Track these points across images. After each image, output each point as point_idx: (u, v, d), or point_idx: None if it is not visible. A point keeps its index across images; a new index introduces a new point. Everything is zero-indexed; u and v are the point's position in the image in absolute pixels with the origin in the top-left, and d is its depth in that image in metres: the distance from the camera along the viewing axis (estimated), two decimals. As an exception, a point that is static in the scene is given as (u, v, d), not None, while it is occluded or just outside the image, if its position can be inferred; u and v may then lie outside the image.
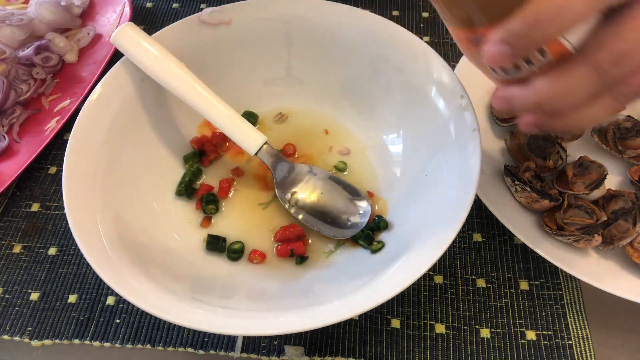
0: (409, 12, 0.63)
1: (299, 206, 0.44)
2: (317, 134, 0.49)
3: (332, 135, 0.49)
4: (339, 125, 0.50)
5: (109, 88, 0.42)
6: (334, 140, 0.49)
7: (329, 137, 0.49)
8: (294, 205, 0.44)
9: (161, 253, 0.40)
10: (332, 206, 0.44)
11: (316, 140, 0.49)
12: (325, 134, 0.49)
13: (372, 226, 0.43)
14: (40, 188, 0.50)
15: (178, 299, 0.34)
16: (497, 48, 0.26)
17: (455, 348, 0.40)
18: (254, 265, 0.42)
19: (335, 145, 0.49)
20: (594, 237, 0.39)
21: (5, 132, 0.53)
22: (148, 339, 0.41)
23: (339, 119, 0.50)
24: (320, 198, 0.44)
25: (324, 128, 0.50)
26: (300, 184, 0.45)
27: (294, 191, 0.44)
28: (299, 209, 0.44)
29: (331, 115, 0.50)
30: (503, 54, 0.26)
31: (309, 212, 0.44)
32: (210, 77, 0.49)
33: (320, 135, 0.49)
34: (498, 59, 0.26)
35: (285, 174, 0.45)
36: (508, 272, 0.44)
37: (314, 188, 0.45)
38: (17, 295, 0.44)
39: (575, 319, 0.42)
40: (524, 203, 0.43)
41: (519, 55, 0.26)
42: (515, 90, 0.28)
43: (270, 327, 0.32)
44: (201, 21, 0.46)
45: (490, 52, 0.26)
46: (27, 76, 0.56)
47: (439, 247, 0.33)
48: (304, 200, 0.44)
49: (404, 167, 0.46)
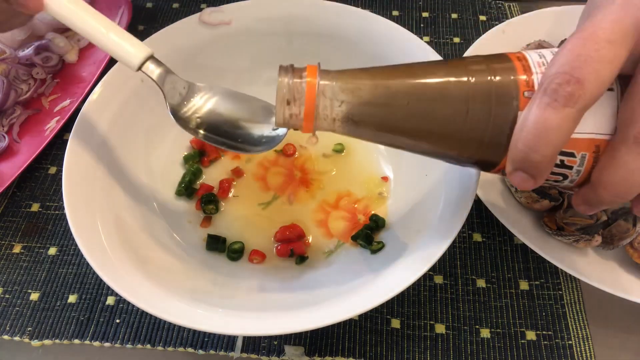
0: (409, 12, 0.63)
1: (202, 126, 0.38)
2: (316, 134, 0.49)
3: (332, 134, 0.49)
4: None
5: (109, 88, 0.42)
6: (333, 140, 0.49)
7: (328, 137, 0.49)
8: (195, 127, 0.37)
9: (161, 253, 0.40)
10: (238, 121, 0.38)
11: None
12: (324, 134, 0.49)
13: (371, 225, 0.43)
14: (40, 188, 0.50)
15: (178, 299, 0.34)
16: (515, 178, 0.27)
17: (455, 348, 0.40)
18: (254, 265, 0.42)
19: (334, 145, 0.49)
20: (594, 237, 0.39)
21: (5, 132, 0.53)
22: (148, 339, 0.41)
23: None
24: (223, 114, 0.38)
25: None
26: (197, 101, 0.38)
27: (192, 110, 0.38)
28: (204, 129, 0.37)
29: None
30: (526, 180, 0.26)
31: (215, 132, 0.38)
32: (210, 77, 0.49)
33: (320, 136, 0.49)
34: (526, 186, 0.27)
35: (180, 92, 0.37)
36: (508, 272, 0.44)
37: (215, 104, 0.38)
38: (17, 295, 0.44)
39: (575, 319, 0.41)
40: (524, 203, 0.43)
41: (539, 177, 0.26)
42: (584, 192, 0.28)
43: (270, 327, 0.32)
44: (201, 21, 0.46)
45: (516, 182, 0.27)
46: (27, 76, 0.56)
47: (439, 247, 0.33)
48: (207, 119, 0.38)
49: (403, 167, 0.46)
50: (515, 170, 0.26)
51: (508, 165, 0.27)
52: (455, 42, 0.60)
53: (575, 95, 0.24)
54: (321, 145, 0.49)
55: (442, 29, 0.61)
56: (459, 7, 0.63)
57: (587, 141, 0.27)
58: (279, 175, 0.47)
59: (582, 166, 0.27)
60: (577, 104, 0.24)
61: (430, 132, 0.28)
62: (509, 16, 0.61)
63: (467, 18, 0.62)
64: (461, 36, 0.60)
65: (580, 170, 0.27)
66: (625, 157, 0.25)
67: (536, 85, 0.26)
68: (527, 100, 0.26)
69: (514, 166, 0.26)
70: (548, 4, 0.56)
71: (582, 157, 0.27)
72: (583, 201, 0.28)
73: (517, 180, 0.27)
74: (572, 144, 0.27)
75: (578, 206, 0.29)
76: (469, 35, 0.60)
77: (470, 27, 0.61)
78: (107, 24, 0.35)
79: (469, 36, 0.60)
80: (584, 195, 0.28)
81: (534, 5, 0.59)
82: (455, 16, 0.62)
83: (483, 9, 0.63)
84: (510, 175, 0.27)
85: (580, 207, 0.29)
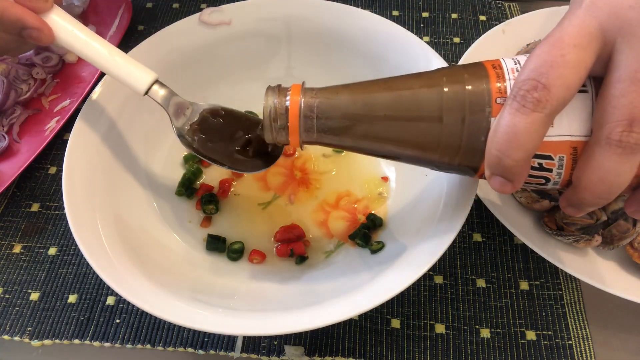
0: (409, 12, 0.63)
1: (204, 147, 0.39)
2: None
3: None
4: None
5: (109, 88, 0.42)
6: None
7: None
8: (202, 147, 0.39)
9: (161, 253, 0.40)
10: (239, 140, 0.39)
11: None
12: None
13: (368, 225, 0.43)
14: (40, 188, 0.50)
15: (178, 299, 0.34)
16: (494, 183, 0.27)
17: (455, 348, 0.40)
18: (254, 265, 0.42)
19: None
20: (594, 237, 0.39)
21: (5, 132, 0.53)
22: (148, 339, 0.41)
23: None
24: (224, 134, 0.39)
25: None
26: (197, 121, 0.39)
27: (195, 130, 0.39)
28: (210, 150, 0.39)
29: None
30: (504, 184, 0.27)
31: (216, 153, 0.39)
32: (210, 77, 0.49)
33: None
34: (506, 190, 0.27)
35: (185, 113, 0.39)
36: (508, 272, 0.44)
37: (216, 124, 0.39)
38: (17, 295, 0.44)
39: (575, 319, 0.41)
40: (524, 203, 0.43)
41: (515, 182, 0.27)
42: (568, 195, 0.28)
43: (270, 327, 0.32)
44: (201, 21, 0.46)
45: (496, 187, 0.27)
46: (27, 76, 0.56)
47: (439, 247, 0.33)
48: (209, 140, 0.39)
49: (403, 167, 0.46)
50: (492, 175, 0.27)
51: (486, 171, 0.28)
52: (455, 42, 0.60)
53: (543, 101, 0.24)
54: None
55: (442, 29, 0.61)
56: (459, 7, 0.63)
57: (564, 143, 0.27)
58: (279, 175, 0.47)
59: (562, 168, 0.27)
60: (545, 109, 0.25)
61: (408, 142, 0.29)
62: (509, 16, 0.61)
63: (467, 18, 0.62)
64: (461, 36, 0.60)
65: (560, 172, 0.28)
66: (599, 158, 0.25)
67: (509, 91, 0.27)
68: (500, 106, 0.27)
69: (491, 171, 0.27)
70: (548, 4, 0.56)
71: (560, 160, 0.27)
72: (568, 203, 0.29)
73: (496, 185, 0.27)
74: (548, 147, 0.27)
75: (564, 208, 0.29)
76: (469, 35, 0.60)
77: (470, 27, 0.61)
78: (114, 51, 0.37)
79: (469, 36, 0.60)
80: (567, 197, 0.28)
81: (534, 5, 0.59)
82: (455, 16, 0.62)
83: (483, 9, 0.63)
84: (489, 179, 0.28)
85: (566, 209, 0.29)
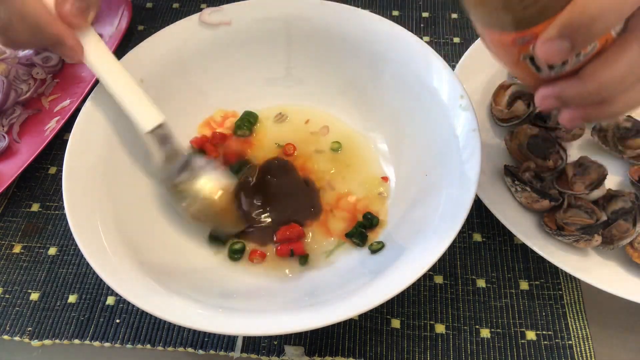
0: (409, 12, 0.63)
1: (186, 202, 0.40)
2: (317, 133, 0.49)
3: (332, 134, 0.49)
4: (339, 124, 0.50)
5: (109, 88, 0.42)
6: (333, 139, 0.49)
7: (328, 137, 0.49)
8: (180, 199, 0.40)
9: (161, 253, 0.40)
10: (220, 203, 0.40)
11: (316, 140, 0.49)
12: (324, 134, 0.49)
13: (365, 223, 0.43)
14: (40, 188, 0.50)
15: (178, 299, 0.34)
16: (556, 45, 0.25)
17: (455, 348, 0.40)
18: (254, 265, 0.42)
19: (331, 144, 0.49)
20: (594, 237, 0.39)
21: (5, 132, 0.53)
22: (148, 339, 0.41)
23: (338, 118, 0.50)
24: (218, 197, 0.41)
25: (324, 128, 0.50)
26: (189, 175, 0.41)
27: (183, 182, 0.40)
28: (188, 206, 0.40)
29: (331, 115, 0.50)
30: (564, 49, 0.25)
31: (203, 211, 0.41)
32: (210, 77, 0.49)
33: (320, 135, 0.49)
34: (558, 56, 0.26)
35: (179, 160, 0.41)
36: (508, 272, 0.44)
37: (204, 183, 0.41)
38: (17, 295, 0.44)
39: (575, 319, 0.41)
40: (524, 203, 0.43)
41: (579, 48, 0.26)
42: (564, 85, 0.28)
43: (270, 327, 0.32)
44: (201, 21, 0.46)
45: (549, 50, 0.26)
46: (27, 76, 0.56)
47: (439, 247, 0.33)
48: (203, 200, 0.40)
49: (403, 167, 0.46)
50: (559, 37, 0.25)
51: (552, 30, 0.25)
52: (455, 42, 0.60)
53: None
54: (319, 144, 0.49)
55: (442, 29, 0.61)
56: (459, 7, 0.63)
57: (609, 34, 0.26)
58: (279, 175, 0.47)
59: (587, 56, 0.27)
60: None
61: None
62: (509, 16, 0.61)
63: (467, 18, 0.62)
64: (461, 36, 0.60)
65: (580, 59, 0.27)
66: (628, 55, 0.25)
67: None
68: None
69: (563, 32, 0.25)
70: (548, 4, 0.56)
71: (593, 46, 0.26)
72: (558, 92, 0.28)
73: (555, 49, 0.25)
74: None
75: (545, 99, 0.29)
76: (469, 35, 0.60)
77: (470, 27, 0.61)
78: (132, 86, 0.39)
79: (469, 36, 0.60)
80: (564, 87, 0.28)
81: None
82: (455, 16, 0.62)
83: (483, 9, 0.63)
84: (549, 41, 0.25)
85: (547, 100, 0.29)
